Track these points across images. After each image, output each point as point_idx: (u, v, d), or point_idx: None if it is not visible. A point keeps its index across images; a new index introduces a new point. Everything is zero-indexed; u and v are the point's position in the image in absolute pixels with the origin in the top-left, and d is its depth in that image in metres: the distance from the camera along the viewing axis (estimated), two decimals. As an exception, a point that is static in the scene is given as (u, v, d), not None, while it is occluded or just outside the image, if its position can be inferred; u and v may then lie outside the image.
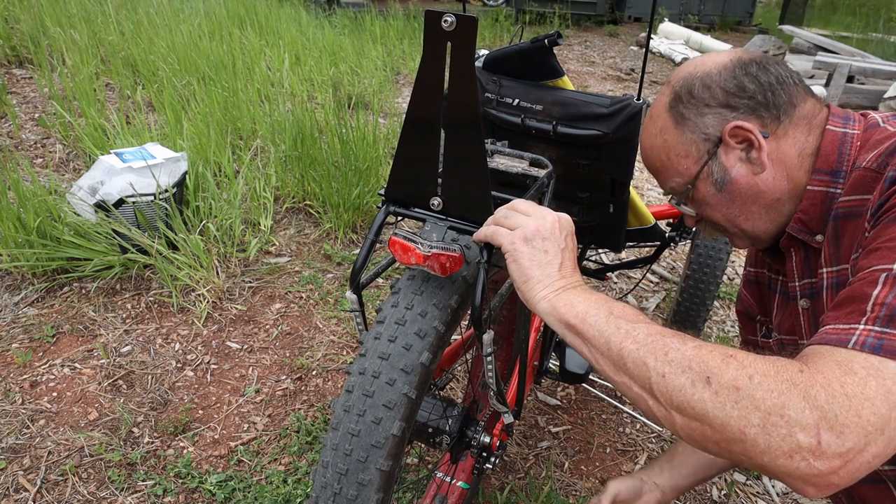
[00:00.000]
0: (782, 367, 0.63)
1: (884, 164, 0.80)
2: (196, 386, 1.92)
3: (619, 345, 0.70)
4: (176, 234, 2.28)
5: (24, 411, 1.75)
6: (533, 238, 0.81)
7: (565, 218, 0.85)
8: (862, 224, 0.79)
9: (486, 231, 0.85)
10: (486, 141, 1.09)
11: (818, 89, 5.70)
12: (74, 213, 2.27)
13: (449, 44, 0.75)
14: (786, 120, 0.89)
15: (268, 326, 2.20)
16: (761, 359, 0.64)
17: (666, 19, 9.45)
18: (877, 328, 0.64)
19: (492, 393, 1.03)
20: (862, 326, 0.65)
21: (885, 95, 5.56)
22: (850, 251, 0.82)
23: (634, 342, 0.70)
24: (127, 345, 2.04)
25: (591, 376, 1.98)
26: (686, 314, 2.19)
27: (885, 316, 0.65)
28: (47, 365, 1.92)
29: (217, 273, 2.34)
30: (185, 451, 1.69)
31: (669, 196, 1.02)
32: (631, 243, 1.99)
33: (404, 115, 0.82)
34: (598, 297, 0.77)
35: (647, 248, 2.19)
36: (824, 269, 0.87)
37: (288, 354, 2.08)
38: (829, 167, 0.87)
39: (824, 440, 0.58)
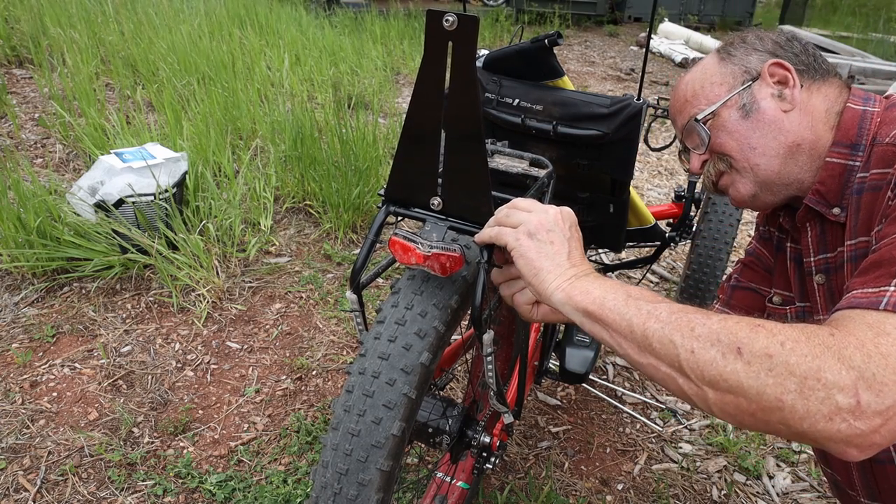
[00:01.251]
0: (812, 332, 0.62)
1: None
2: (196, 386, 1.92)
3: (642, 325, 0.69)
4: (176, 234, 2.28)
5: (24, 411, 1.75)
6: (537, 231, 0.81)
7: (567, 210, 0.85)
8: (884, 195, 0.80)
9: (490, 232, 0.85)
10: (486, 141, 1.09)
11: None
12: (74, 213, 2.27)
13: (450, 43, 0.75)
14: (819, 80, 0.96)
15: (268, 326, 2.20)
16: (789, 326, 0.64)
17: (666, 19, 9.44)
18: None
19: (492, 393, 1.03)
20: (893, 288, 0.65)
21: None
22: (869, 223, 0.82)
23: (658, 321, 0.68)
24: (127, 345, 2.04)
25: (590, 376, 1.98)
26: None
27: None
28: (47, 365, 1.92)
29: (217, 273, 2.34)
30: (185, 451, 1.69)
31: (686, 122, 1.02)
32: (631, 243, 1.99)
33: (405, 115, 0.82)
34: (612, 282, 0.76)
35: (647, 248, 2.20)
36: (846, 243, 0.88)
37: (288, 354, 2.08)
38: (849, 141, 0.90)
39: (864, 399, 0.57)
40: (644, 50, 1.47)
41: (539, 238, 0.80)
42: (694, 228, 2.17)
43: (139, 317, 2.16)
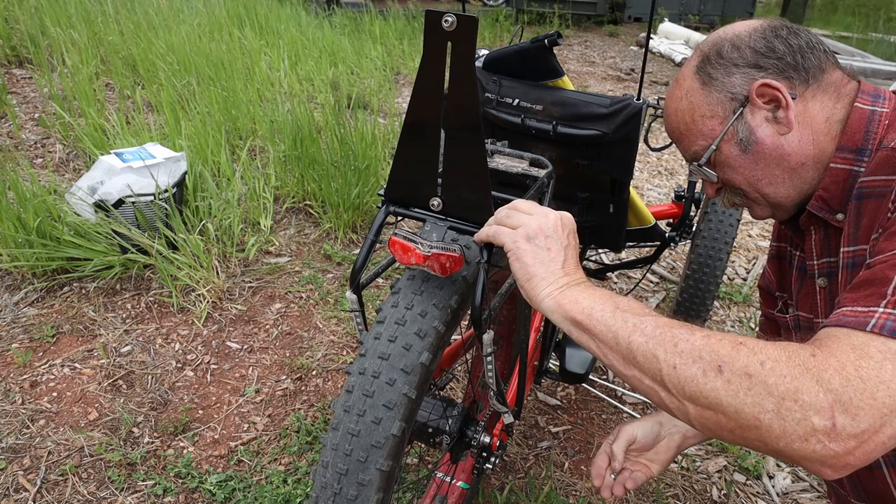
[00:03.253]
0: (794, 352, 0.63)
1: None
2: (196, 386, 1.92)
3: (627, 338, 0.70)
4: (176, 234, 2.28)
5: (24, 411, 1.75)
6: (536, 236, 0.81)
7: (567, 216, 0.85)
8: (885, 205, 0.77)
9: (488, 231, 0.85)
10: (486, 141, 1.09)
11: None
12: (74, 213, 2.27)
13: (449, 44, 0.75)
14: (814, 84, 0.88)
15: (268, 326, 2.20)
16: (772, 344, 0.64)
17: (666, 19, 9.44)
18: None
19: (492, 393, 1.03)
20: (881, 310, 0.65)
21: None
22: (869, 231, 0.80)
23: (643, 335, 0.69)
24: (127, 345, 2.04)
25: (590, 376, 1.98)
26: (686, 314, 2.19)
27: None
28: (47, 365, 1.92)
29: (217, 273, 2.34)
30: (185, 451, 1.69)
31: (691, 161, 0.98)
32: (631, 243, 1.99)
33: (404, 115, 0.82)
34: (602, 292, 0.77)
35: (647, 248, 2.19)
36: (842, 249, 0.86)
37: (288, 354, 2.08)
38: (855, 145, 0.86)
39: (839, 422, 0.58)
40: (644, 50, 1.47)
41: (537, 243, 0.81)
42: (694, 228, 2.17)
43: (139, 317, 2.16)
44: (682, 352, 0.66)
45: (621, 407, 1.99)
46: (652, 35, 8.25)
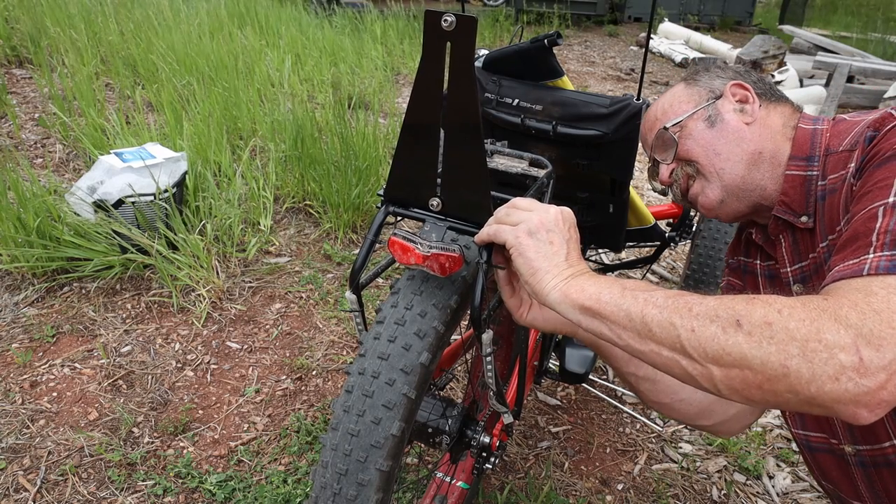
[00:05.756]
0: (806, 299, 0.64)
1: (855, 143, 0.89)
2: (196, 386, 1.92)
3: (640, 313, 0.70)
4: (176, 234, 2.28)
5: (24, 411, 1.75)
6: (537, 231, 0.81)
7: (567, 210, 0.86)
8: (840, 192, 0.86)
9: (489, 230, 0.84)
10: (485, 141, 1.09)
11: (818, 89, 5.70)
12: (74, 213, 2.27)
13: (449, 44, 0.75)
14: (775, 102, 1.07)
15: (268, 326, 2.20)
16: (783, 297, 0.65)
17: (666, 19, 9.44)
18: (886, 253, 0.67)
19: (491, 393, 1.03)
20: (872, 255, 0.68)
21: (886, 95, 5.55)
22: (837, 221, 0.88)
23: (656, 307, 0.69)
24: (127, 345, 2.04)
25: (590, 376, 1.98)
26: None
27: (891, 241, 0.68)
28: (47, 365, 1.92)
29: (217, 273, 2.34)
30: (185, 451, 1.69)
31: (658, 130, 1.10)
32: (631, 243, 1.99)
33: (404, 115, 0.82)
34: (607, 278, 0.77)
35: (647, 248, 2.19)
36: (818, 246, 0.93)
37: (288, 354, 2.08)
38: (804, 154, 0.98)
39: (865, 356, 0.58)
40: (644, 50, 1.48)
41: (539, 237, 0.81)
42: (694, 228, 2.17)
43: (139, 317, 2.16)
44: (699, 314, 0.66)
45: (621, 407, 1.99)
46: (652, 35, 8.25)
